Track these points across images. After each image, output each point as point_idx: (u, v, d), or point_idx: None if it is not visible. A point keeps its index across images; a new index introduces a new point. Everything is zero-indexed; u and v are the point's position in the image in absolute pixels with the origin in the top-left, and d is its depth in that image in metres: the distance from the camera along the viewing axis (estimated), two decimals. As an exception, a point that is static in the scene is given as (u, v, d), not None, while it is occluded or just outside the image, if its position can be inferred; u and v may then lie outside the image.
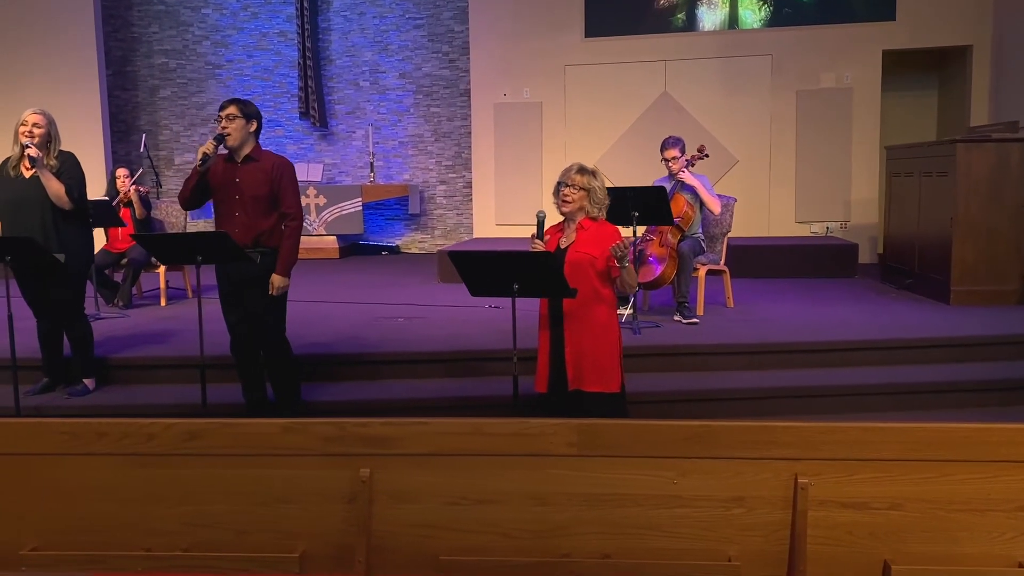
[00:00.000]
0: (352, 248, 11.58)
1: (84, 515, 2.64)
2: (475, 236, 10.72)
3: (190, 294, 7.55)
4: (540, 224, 3.91)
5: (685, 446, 2.51)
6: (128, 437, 2.60)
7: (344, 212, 11.05)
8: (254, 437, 2.57)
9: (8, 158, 4.75)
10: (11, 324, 4.50)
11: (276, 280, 4.41)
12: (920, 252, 7.21)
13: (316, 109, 11.62)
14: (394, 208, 11.94)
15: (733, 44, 9.82)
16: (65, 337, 5.01)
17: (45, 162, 4.58)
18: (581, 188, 3.90)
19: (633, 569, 2.53)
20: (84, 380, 5.00)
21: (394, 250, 11.87)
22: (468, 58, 11.42)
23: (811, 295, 7.28)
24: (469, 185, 11.63)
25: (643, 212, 5.56)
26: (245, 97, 12.42)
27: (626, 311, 6.30)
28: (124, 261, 6.95)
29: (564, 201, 3.92)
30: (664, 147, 6.15)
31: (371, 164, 11.50)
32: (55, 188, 4.60)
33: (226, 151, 4.40)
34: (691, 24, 9.89)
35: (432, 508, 2.57)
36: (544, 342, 3.96)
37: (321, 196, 11.06)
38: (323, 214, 11.06)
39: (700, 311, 6.18)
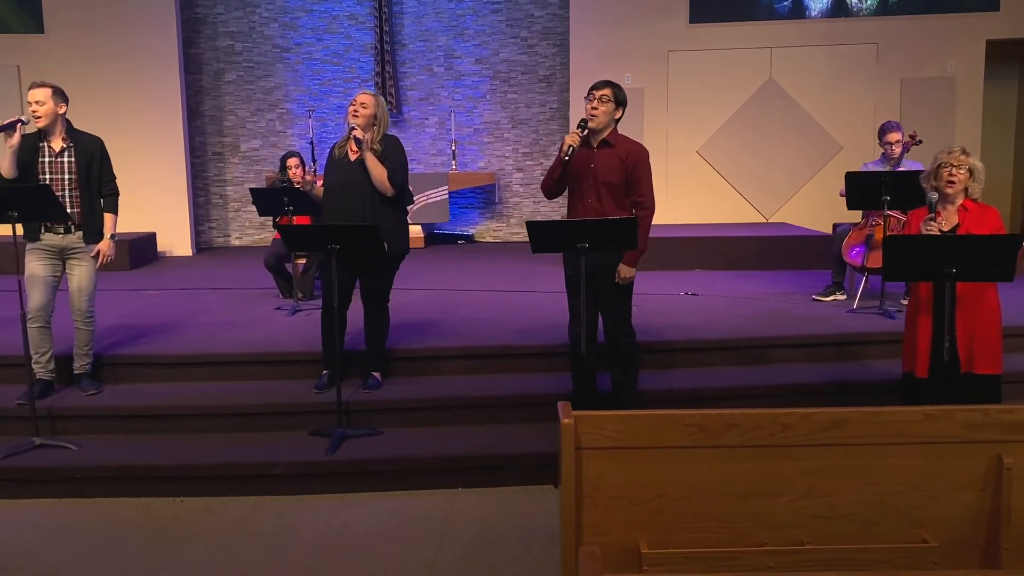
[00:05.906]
0: (430, 238, 11.36)
1: (699, 510, 2.51)
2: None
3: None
4: (931, 206, 3.89)
5: None
6: (760, 428, 2.48)
7: (431, 201, 10.82)
8: (897, 425, 2.48)
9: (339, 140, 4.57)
10: (337, 321, 4.24)
11: (623, 270, 4.29)
12: (1082, 236, 7.38)
13: (393, 95, 11.33)
14: (468, 196, 11.74)
15: (839, 32, 9.90)
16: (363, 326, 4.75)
17: (370, 145, 4.37)
18: (968, 168, 3.90)
19: None
20: (373, 373, 4.77)
21: (469, 239, 11.67)
22: (547, 43, 11.30)
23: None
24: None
25: (895, 197, 5.58)
26: (316, 82, 11.90)
27: (841, 296, 6.34)
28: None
29: (949, 183, 3.91)
30: (887, 131, 6.20)
31: (453, 152, 11.28)
32: (378, 173, 4.40)
33: (584, 133, 4.23)
34: (798, 11, 9.93)
35: (1072, 493, 2.51)
36: (925, 327, 3.93)
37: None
38: (409, 203, 10.80)
39: (912, 296, 6.23)
